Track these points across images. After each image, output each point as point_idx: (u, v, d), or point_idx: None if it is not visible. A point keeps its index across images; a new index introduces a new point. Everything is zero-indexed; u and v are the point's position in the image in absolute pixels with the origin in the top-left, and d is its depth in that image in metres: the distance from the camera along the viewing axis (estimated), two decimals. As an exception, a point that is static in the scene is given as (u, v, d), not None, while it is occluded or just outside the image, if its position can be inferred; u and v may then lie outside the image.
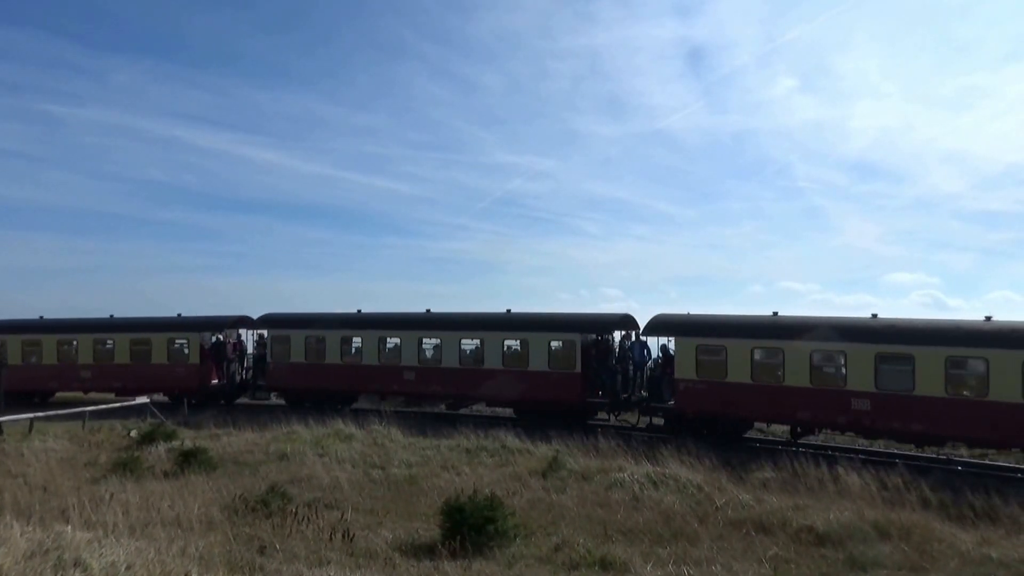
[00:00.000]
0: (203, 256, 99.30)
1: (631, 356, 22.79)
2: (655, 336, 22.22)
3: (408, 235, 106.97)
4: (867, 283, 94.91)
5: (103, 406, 24.40)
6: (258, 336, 28.59)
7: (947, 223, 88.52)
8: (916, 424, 17.22)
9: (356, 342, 26.36)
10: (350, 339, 26.42)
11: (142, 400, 25.28)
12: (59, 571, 6.86)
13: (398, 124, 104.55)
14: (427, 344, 25.09)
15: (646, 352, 22.55)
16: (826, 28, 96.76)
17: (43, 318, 30.96)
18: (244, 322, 28.81)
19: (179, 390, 27.49)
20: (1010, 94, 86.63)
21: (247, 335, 29.00)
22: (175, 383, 27.92)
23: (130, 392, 28.34)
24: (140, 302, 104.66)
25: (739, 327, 20.32)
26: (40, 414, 21.76)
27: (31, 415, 21.25)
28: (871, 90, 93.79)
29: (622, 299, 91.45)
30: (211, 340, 28.36)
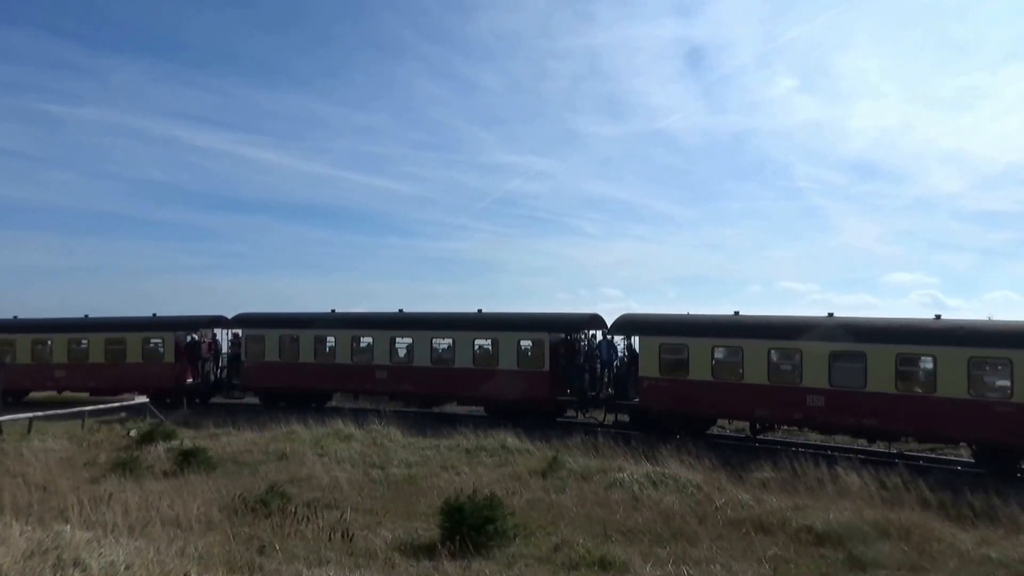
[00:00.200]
0: (203, 256, 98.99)
1: (598, 355, 23.06)
2: (622, 335, 22.57)
3: (408, 235, 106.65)
4: (867, 283, 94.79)
5: (102, 406, 24.40)
6: (233, 335, 28.70)
7: (947, 223, 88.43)
8: (868, 419, 17.62)
9: (330, 341, 26.51)
10: (324, 338, 26.56)
11: (141, 400, 25.28)
12: (58, 571, 6.86)
13: (398, 124, 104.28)
14: (400, 344, 25.31)
15: (613, 351, 22.79)
16: (826, 28, 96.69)
17: (17, 318, 31.02)
18: (219, 322, 28.91)
19: (154, 389, 27.43)
20: (1010, 94, 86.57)
21: (222, 334, 29.16)
22: (150, 382, 27.94)
23: (105, 392, 28.56)
24: (140, 302, 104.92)
25: (700, 326, 20.72)
26: (39, 413, 21.75)
27: (30, 415, 21.25)
28: (871, 90, 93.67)
29: (622, 299, 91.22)
30: (186, 339, 28.45)
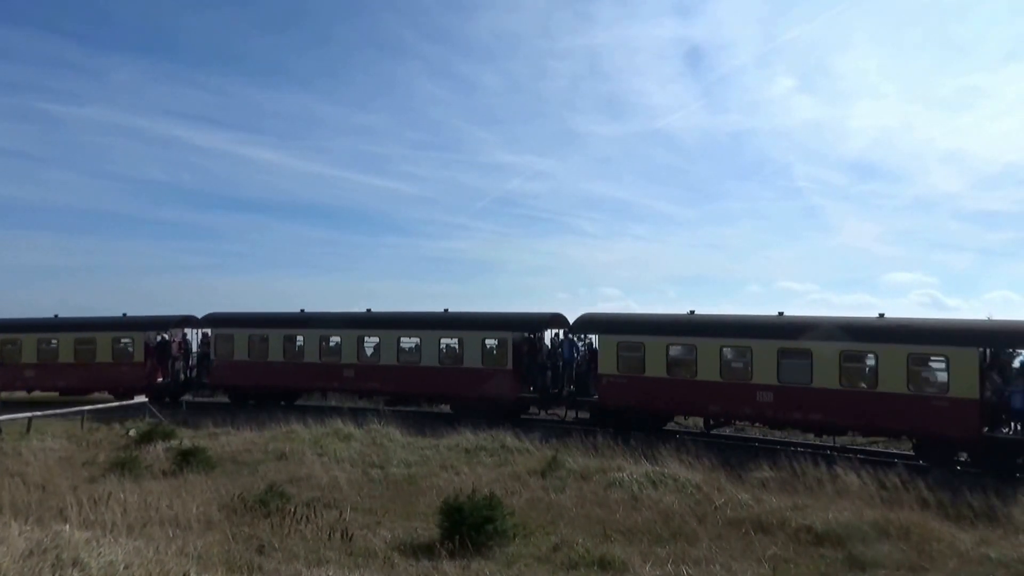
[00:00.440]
0: (203, 255, 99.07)
1: (560, 353, 23.34)
2: (582, 334, 22.95)
3: (407, 234, 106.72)
4: (866, 283, 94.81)
5: (101, 405, 24.40)
6: (203, 335, 28.78)
7: (946, 223, 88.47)
8: (814, 414, 18.17)
9: (299, 341, 26.65)
10: (293, 338, 26.71)
11: (140, 399, 25.27)
12: (57, 570, 6.84)
13: (397, 124, 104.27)
14: (368, 343, 25.53)
15: (574, 349, 23.06)
16: (825, 28, 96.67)
17: None
18: (189, 321, 29.02)
19: (124, 389, 27.45)
20: (1009, 94, 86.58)
21: (192, 334, 29.23)
22: (120, 382, 28.01)
23: (75, 391, 28.59)
24: (140, 301, 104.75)
25: (656, 325, 21.18)
26: (39, 413, 21.74)
27: (29, 414, 21.24)
28: (870, 90, 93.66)
29: (621, 299, 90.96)
30: (156, 339, 28.52)
